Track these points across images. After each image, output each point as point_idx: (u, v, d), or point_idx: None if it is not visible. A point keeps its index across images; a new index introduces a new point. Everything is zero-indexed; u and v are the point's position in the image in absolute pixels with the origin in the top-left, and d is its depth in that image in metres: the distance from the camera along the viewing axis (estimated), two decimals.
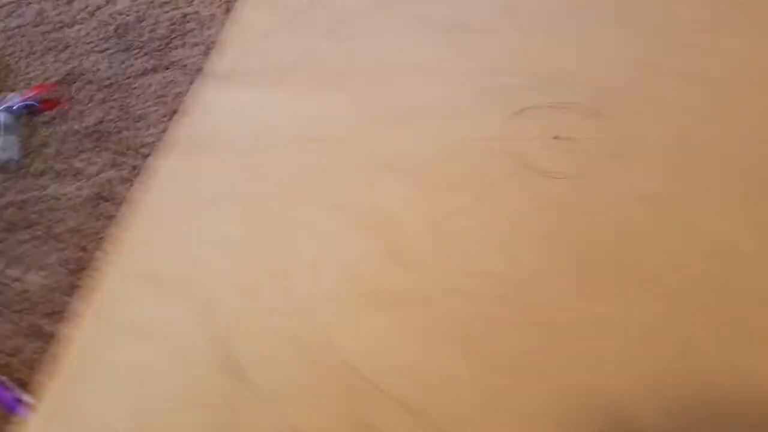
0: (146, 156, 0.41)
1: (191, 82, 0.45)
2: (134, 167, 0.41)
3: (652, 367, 0.28)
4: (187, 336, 0.31)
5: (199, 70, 0.46)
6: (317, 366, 0.29)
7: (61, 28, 0.52)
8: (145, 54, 0.49)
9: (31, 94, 0.45)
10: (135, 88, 0.46)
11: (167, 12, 0.52)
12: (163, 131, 0.42)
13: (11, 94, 0.45)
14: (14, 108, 0.44)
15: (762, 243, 0.31)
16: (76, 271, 0.36)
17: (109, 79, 0.47)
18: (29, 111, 0.44)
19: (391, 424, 0.27)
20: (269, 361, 0.29)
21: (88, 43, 0.50)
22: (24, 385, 0.31)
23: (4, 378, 0.31)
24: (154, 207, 0.37)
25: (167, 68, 0.47)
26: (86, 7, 0.54)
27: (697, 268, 0.31)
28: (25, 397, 0.30)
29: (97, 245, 0.37)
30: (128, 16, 0.53)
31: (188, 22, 0.51)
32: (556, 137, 0.37)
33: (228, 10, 0.51)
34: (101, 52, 0.49)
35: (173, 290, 0.33)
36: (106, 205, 0.39)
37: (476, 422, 0.27)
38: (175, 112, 0.43)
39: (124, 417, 0.28)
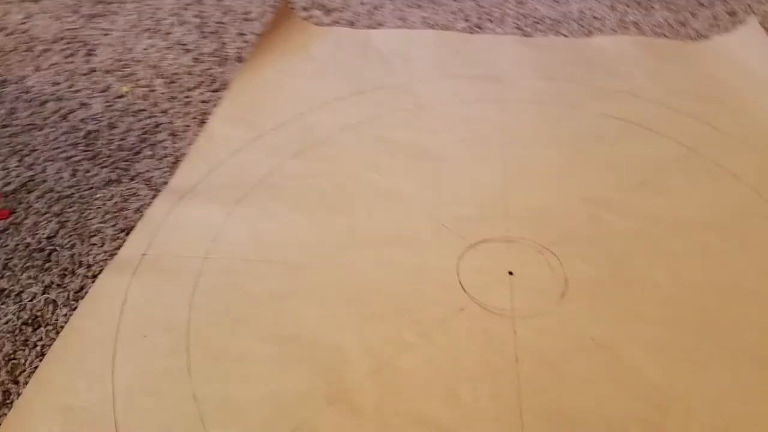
0: (95, 276, 0.39)
1: (154, 196, 0.45)
2: (80, 288, 0.39)
3: None
4: None
5: (164, 183, 0.46)
6: None
7: (30, 130, 0.52)
8: (112, 163, 0.49)
9: None
10: (96, 199, 0.45)
11: (141, 120, 0.53)
12: (117, 248, 0.41)
13: None
14: None
15: (699, 394, 0.30)
16: (3, 404, 0.33)
17: (70, 188, 0.46)
18: None
19: None
20: None
21: (55, 149, 0.50)
22: None
23: None
24: (84, 336, 0.35)
25: (132, 179, 0.47)
26: (59, 109, 0.55)
27: (635, 417, 0.29)
28: None
29: (28, 376, 0.34)
30: (101, 122, 0.53)
31: (160, 132, 0.52)
32: (510, 273, 0.37)
33: (203, 122, 0.52)
34: (67, 159, 0.49)
35: (90, 429, 0.30)
36: (43, 331, 0.37)
37: None
38: (132, 228, 0.42)
39: None
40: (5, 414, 0.32)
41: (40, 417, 0.31)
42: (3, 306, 0.38)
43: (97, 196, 0.46)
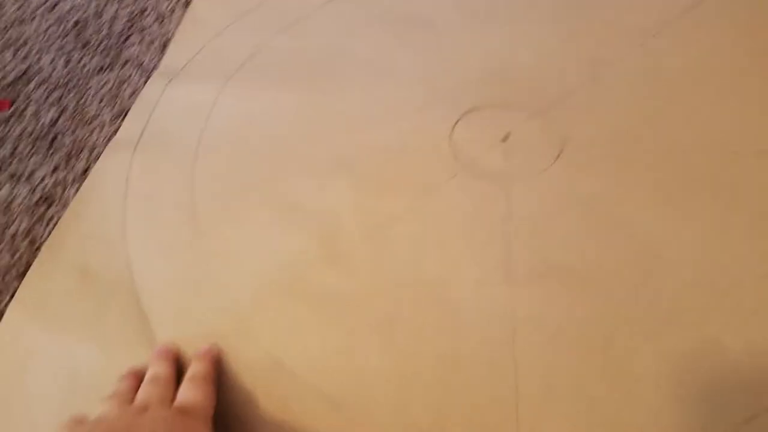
0: (97, 157, 0.41)
1: (146, 80, 0.44)
2: (85, 169, 0.40)
3: (576, 359, 0.28)
4: (119, 334, 0.31)
5: (155, 67, 0.45)
6: (241, 357, 0.30)
7: (21, 23, 0.51)
8: (103, 50, 0.48)
9: None
10: (90, 87, 0.45)
11: (126, 7, 0.51)
12: (115, 131, 0.42)
13: None
14: None
15: (690, 244, 0.31)
16: (25, 273, 0.36)
17: (66, 77, 0.46)
18: None
19: (308, 410, 0.28)
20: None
21: (46, 40, 0.50)
22: None
23: None
24: (94, 205, 0.37)
25: (123, 65, 0.46)
26: (45, 2, 0.53)
27: (627, 272, 0.30)
28: None
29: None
30: (87, 11, 0.52)
31: (147, 17, 0.50)
32: (504, 138, 0.36)
33: (188, 4, 0.50)
34: (59, 49, 0.49)
35: (107, 289, 0.33)
36: (55, 209, 0.39)
37: (388, 414, 0.27)
38: (127, 111, 0.43)
39: (52, 412, 0.29)
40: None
41: (57, 276, 0.34)
42: (16, 188, 0.40)
43: (91, 83, 0.46)
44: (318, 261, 0.32)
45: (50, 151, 0.42)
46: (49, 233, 0.37)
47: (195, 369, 0.28)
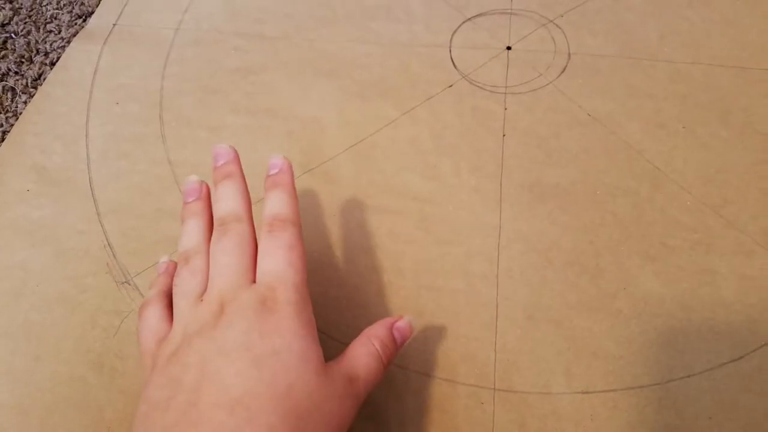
0: (53, 63, 0.36)
1: None
2: (39, 75, 0.36)
3: (562, 284, 0.26)
4: (74, 237, 0.28)
5: None
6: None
7: None
8: None
9: None
10: None
11: None
12: (74, 35, 0.37)
13: None
14: None
15: (696, 170, 0.29)
16: None
17: None
18: None
19: None
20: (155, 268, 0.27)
21: None
22: None
23: None
24: (56, 100, 0.33)
25: None
26: None
27: (625, 198, 0.28)
28: None
29: None
30: None
31: None
32: (508, 48, 0.33)
33: None
34: None
35: (64, 189, 0.30)
36: (3, 117, 0.34)
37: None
38: (89, 13, 0.38)
39: (7, 319, 0.26)
40: None
41: (15, 175, 0.30)
42: None
43: None
44: (299, 170, 0.30)
45: (0, 55, 0.37)
46: None
47: (274, 209, 0.20)
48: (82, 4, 0.39)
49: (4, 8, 0.39)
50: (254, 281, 0.19)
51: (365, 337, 0.20)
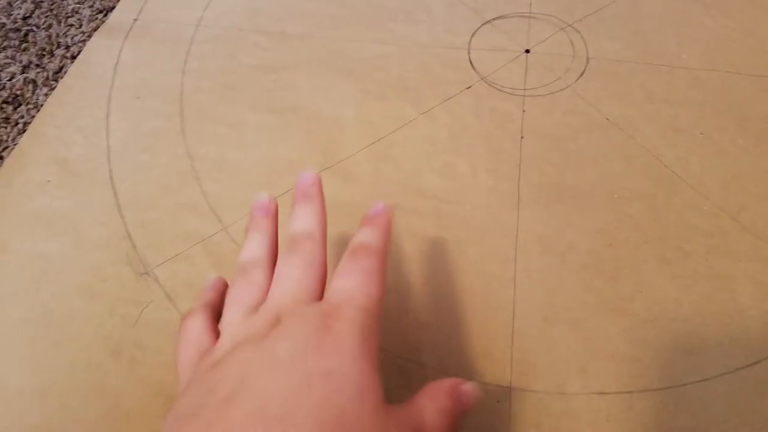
0: (74, 57, 0.37)
1: None
2: (59, 69, 0.36)
3: (578, 287, 0.26)
4: (95, 228, 0.28)
5: None
6: (222, 267, 0.27)
7: None
8: None
9: None
10: None
11: None
12: (95, 29, 0.38)
13: None
14: None
15: (714, 176, 0.29)
16: None
17: None
18: None
19: None
20: (176, 260, 0.27)
21: None
22: None
23: None
24: (78, 93, 0.34)
25: None
26: None
27: (643, 202, 0.28)
28: None
29: (10, 151, 0.33)
30: None
31: None
32: (527, 51, 0.33)
33: None
34: None
35: (85, 181, 0.30)
36: (24, 109, 0.35)
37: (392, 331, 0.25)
38: (110, 8, 0.39)
39: (27, 306, 0.26)
40: None
41: (36, 166, 0.31)
42: None
43: None
44: (317, 168, 0.30)
45: (22, 46, 0.38)
46: (14, 137, 0.33)
47: (363, 239, 0.19)
48: None
49: (25, 1, 0.40)
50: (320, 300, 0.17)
51: (435, 390, 0.17)
